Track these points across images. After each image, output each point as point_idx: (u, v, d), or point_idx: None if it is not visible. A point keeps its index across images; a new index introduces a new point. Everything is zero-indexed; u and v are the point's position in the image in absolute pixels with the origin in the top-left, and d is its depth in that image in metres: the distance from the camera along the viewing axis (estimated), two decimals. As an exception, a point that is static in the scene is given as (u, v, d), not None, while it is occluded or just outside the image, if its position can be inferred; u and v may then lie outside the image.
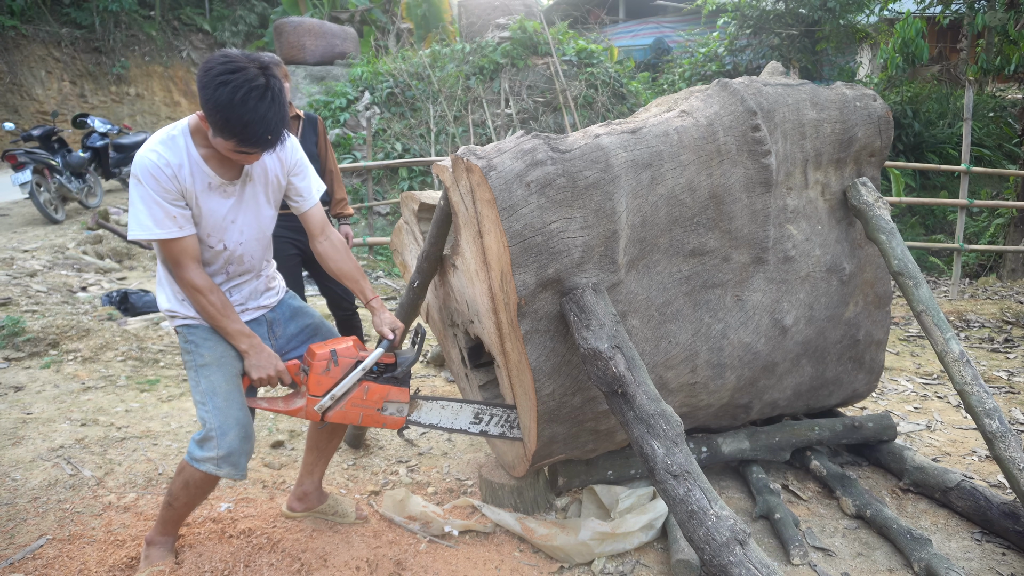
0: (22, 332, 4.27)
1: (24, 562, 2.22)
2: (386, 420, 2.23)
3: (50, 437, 3.11)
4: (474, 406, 2.39)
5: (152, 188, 1.89)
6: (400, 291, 6.77)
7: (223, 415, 2.02)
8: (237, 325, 2.07)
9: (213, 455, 1.99)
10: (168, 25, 20.27)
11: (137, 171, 1.90)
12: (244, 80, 1.79)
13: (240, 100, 1.78)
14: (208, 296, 2.01)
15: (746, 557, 1.73)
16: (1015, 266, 8.61)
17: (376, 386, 2.17)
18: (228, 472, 2.02)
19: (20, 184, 7.82)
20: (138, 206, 1.91)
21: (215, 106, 1.79)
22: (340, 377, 2.13)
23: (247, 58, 1.84)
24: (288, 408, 2.17)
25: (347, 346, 2.15)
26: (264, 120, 1.83)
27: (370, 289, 2.28)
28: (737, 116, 2.40)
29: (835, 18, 11.89)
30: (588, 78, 10.07)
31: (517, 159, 2.04)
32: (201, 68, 1.84)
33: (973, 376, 2.42)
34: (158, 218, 1.91)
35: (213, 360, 2.07)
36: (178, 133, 1.96)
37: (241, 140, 1.85)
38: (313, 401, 2.13)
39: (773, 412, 2.96)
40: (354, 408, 2.17)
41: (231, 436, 2.01)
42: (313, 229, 2.27)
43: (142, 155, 1.90)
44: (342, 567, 2.21)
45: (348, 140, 8.81)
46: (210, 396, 2.04)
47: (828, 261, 2.73)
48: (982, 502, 2.56)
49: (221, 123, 1.82)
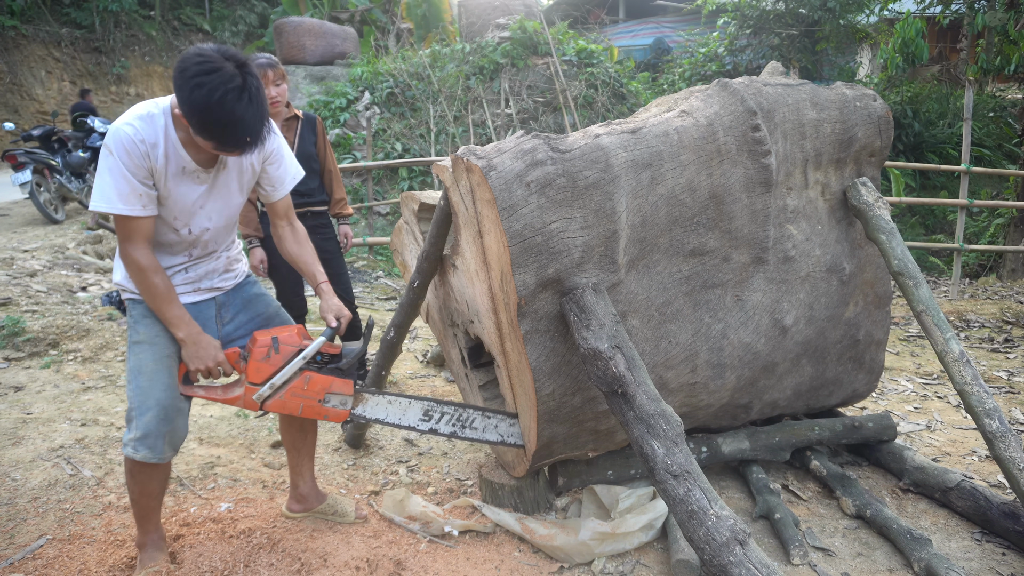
0: (22, 332, 4.27)
1: (24, 562, 2.22)
2: (328, 412, 2.15)
3: (50, 437, 3.11)
4: (423, 403, 2.32)
5: (123, 161, 1.84)
6: (400, 291, 6.78)
7: (143, 395, 1.97)
8: (177, 311, 1.99)
9: (131, 436, 1.95)
10: (168, 25, 20.28)
11: (110, 141, 1.84)
12: (220, 81, 1.73)
13: (217, 102, 1.73)
14: (151, 277, 1.94)
15: (746, 557, 1.73)
16: (1015, 266, 8.61)
17: (318, 376, 2.11)
18: (144, 455, 1.96)
19: (20, 184, 7.83)
20: (105, 177, 1.85)
21: (191, 108, 1.75)
22: (280, 365, 2.06)
23: (223, 55, 1.78)
24: (226, 397, 2.11)
25: (290, 334, 2.09)
26: (242, 122, 1.78)
27: (321, 272, 2.24)
28: (737, 116, 2.40)
29: (835, 18, 11.90)
30: (588, 78, 10.08)
31: (517, 159, 2.04)
32: (176, 67, 1.77)
33: (973, 376, 2.42)
34: (123, 193, 1.86)
35: (147, 339, 2.02)
36: (158, 112, 1.89)
37: (220, 142, 1.82)
38: (252, 390, 2.07)
39: (773, 412, 2.96)
40: (294, 398, 2.10)
41: (148, 417, 1.96)
42: (278, 213, 2.23)
43: (118, 127, 1.85)
44: (342, 567, 2.21)
45: (348, 140, 8.81)
46: (135, 375, 2.00)
47: (828, 261, 2.73)
48: (982, 502, 2.56)
49: (198, 125, 1.78)
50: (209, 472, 2.88)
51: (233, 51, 1.82)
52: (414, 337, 5.10)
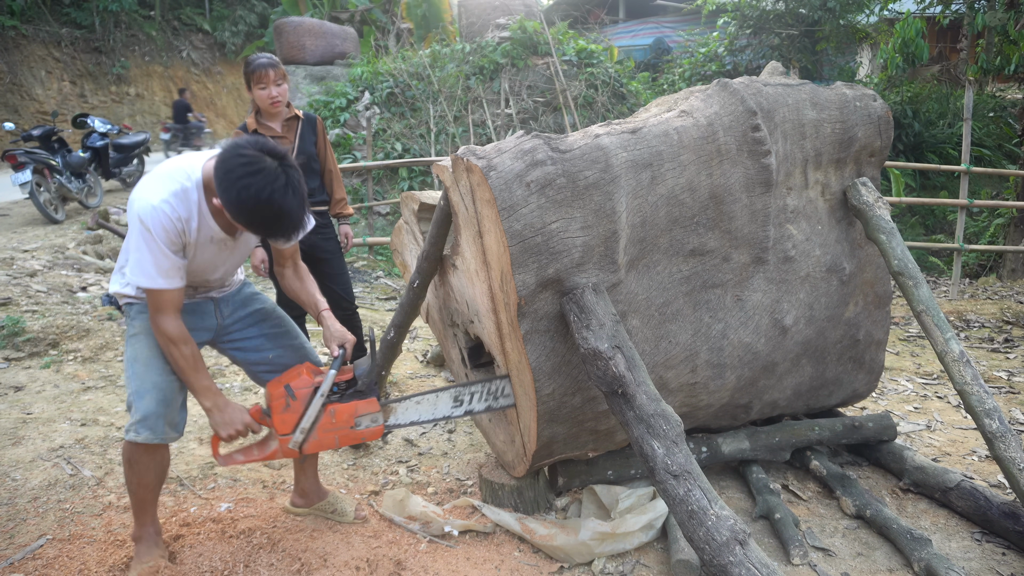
0: (22, 332, 4.27)
1: (24, 562, 2.22)
2: (363, 434, 2.18)
3: (50, 437, 3.11)
4: (451, 390, 2.34)
5: (162, 240, 1.89)
6: (400, 291, 6.78)
7: (140, 380, 2.01)
8: (204, 381, 2.06)
9: (132, 421, 1.98)
10: (168, 25, 20.28)
11: (148, 220, 1.87)
12: (267, 181, 1.79)
13: (266, 201, 1.79)
14: (181, 348, 2.01)
15: (746, 557, 1.73)
16: (1015, 266, 8.61)
17: (342, 406, 2.14)
18: (146, 436, 1.98)
19: (20, 184, 7.82)
20: (144, 254, 1.90)
21: (240, 208, 1.81)
22: (302, 410, 2.10)
23: (263, 150, 1.84)
24: (264, 454, 2.16)
25: (300, 377, 2.13)
26: (290, 215, 1.85)
27: (322, 301, 2.31)
28: (737, 116, 2.40)
29: (835, 18, 11.90)
30: (588, 78, 10.07)
31: (517, 159, 2.04)
32: (218, 167, 1.82)
33: (973, 376, 2.42)
34: (164, 268, 1.92)
35: (142, 330, 2.07)
36: (191, 186, 1.94)
37: (266, 234, 1.90)
38: (285, 440, 2.12)
39: (773, 412, 2.96)
40: (327, 434, 2.14)
41: (147, 399, 1.99)
42: (284, 256, 2.30)
43: (154, 205, 1.87)
44: (342, 567, 2.21)
45: (348, 140, 8.81)
46: (131, 363, 2.04)
47: (828, 261, 2.73)
48: (982, 502, 2.56)
49: (246, 222, 1.85)
50: (209, 472, 2.88)
51: (270, 144, 1.87)
52: (414, 337, 5.10)
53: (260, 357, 2.29)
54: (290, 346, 2.32)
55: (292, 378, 2.12)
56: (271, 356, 2.29)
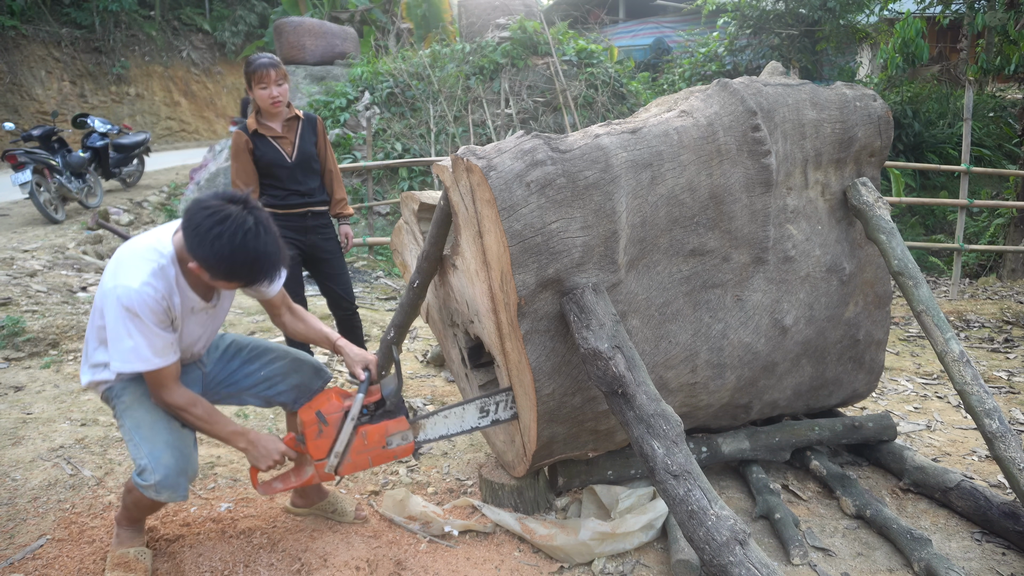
0: (22, 332, 4.27)
1: (24, 562, 2.22)
2: (395, 452, 2.24)
3: (50, 437, 3.11)
4: (476, 402, 2.39)
5: (152, 321, 1.89)
6: (400, 291, 6.78)
7: (151, 443, 1.99)
8: (230, 427, 2.09)
9: (152, 482, 1.95)
10: (168, 25, 20.28)
11: (134, 305, 1.86)
12: (237, 225, 1.80)
13: (240, 245, 1.80)
14: (193, 410, 2.03)
15: (746, 557, 1.73)
16: (1015, 266, 8.61)
17: (372, 427, 2.18)
18: (168, 496, 1.99)
19: (20, 184, 7.82)
20: (137, 339, 1.89)
21: (216, 260, 1.81)
22: (335, 434, 2.15)
23: (225, 200, 1.85)
24: (301, 480, 2.23)
25: (330, 402, 2.17)
26: (267, 255, 1.86)
27: (332, 333, 2.33)
28: (737, 116, 2.40)
29: (835, 18, 11.90)
30: (588, 78, 10.07)
31: (517, 159, 2.04)
32: (186, 225, 1.84)
33: (973, 376, 2.42)
34: (158, 348, 1.92)
35: (133, 400, 2.06)
36: (166, 262, 1.94)
37: (248, 281, 1.90)
38: (321, 465, 2.18)
39: (773, 412, 2.96)
40: (361, 455, 2.20)
41: (165, 459, 1.97)
42: (276, 305, 2.31)
43: (136, 288, 1.86)
44: (342, 567, 2.21)
45: (348, 140, 8.81)
46: (135, 431, 2.01)
47: (828, 261, 2.73)
48: (982, 502, 2.56)
49: (226, 273, 1.85)
50: (209, 472, 2.88)
51: (231, 192, 1.89)
52: (414, 337, 5.10)
53: (254, 379, 2.32)
54: (275, 359, 2.34)
55: (322, 404, 2.17)
56: (263, 374, 2.32)
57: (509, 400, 2.40)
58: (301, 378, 2.34)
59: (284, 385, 2.32)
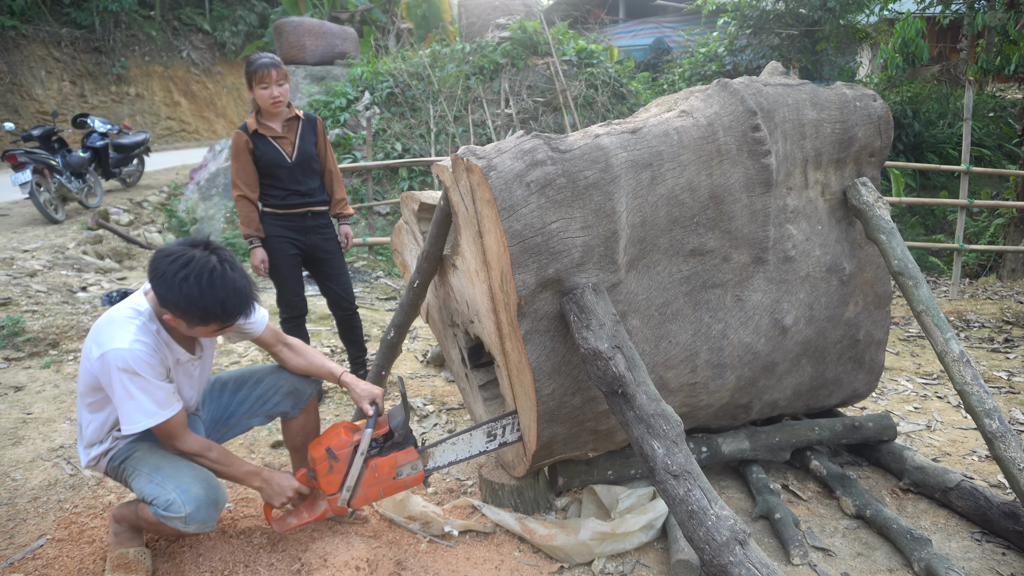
0: (22, 332, 4.27)
1: (24, 562, 2.22)
2: (406, 482, 2.27)
3: (50, 437, 3.11)
4: (483, 427, 2.41)
5: (150, 375, 1.92)
6: (400, 291, 6.77)
7: (176, 478, 2.01)
8: (244, 467, 2.15)
9: (182, 514, 1.97)
10: (168, 25, 20.28)
11: (130, 364, 1.88)
12: (200, 267, 1.85)
13: (208, 284, 1.84)
14: (208, 455, 2.09)
15: (746, 557, 1.73)
16: (1015, 266, 8.61)
17: (381, 459, 2.22)
18: (197, 528, 2.01)
19: (20, 184, 7.82)
20: (139, 397, 1.92)
21: (187, 303, 1.84)
22: (345, 469, 2.19)
23: (188, 244, 1.90)
24: (316, 515, 2.28)
25: (340, 437, 2.20)
26: (237, 291, 1.90)
27: (336, 367, 2.37)
28: (737, 116, 2.40)
29: (835, 18, 11.89)
30: (588, 78, 10.07)
31: (517, 159, 2.04)
32: (152, 275, 1.87)
33: (973, 376, 2.42)
34: (161, 400, 1.95)
35: (145, 451, 2.09)
36: (146, 318, 1.98)
37: (223, 319, 1.92)
38: (334, 500, 2.22)
39: (773, 412, 2.96)
40: (372, 488, 2.24)
41: (194, 489, 1.99)
42: (269, 343, 2.34)
43: (128, 348, 1.89)
44: (342, 567, 2.21)
45: (348, 140, 8.81)
46: (155, 473, 2.03)
47: (828, 261, 2.73)
48: (982, 502, 2.56)
49: (200, 314, 1.87)
50: (209, 472, 2.88)
51: (191, 238, 1.95)
52: (414, 337, 5.10)
53: (249, 403, 2.37)
54: (260, 378, 2.38)
55: (331, 440, 2.20)
56: (255, 394, 2.37)
57: (515, 423, 2.43)
58: (292, 384, 2.38)
59: (278, 396, 2.37)
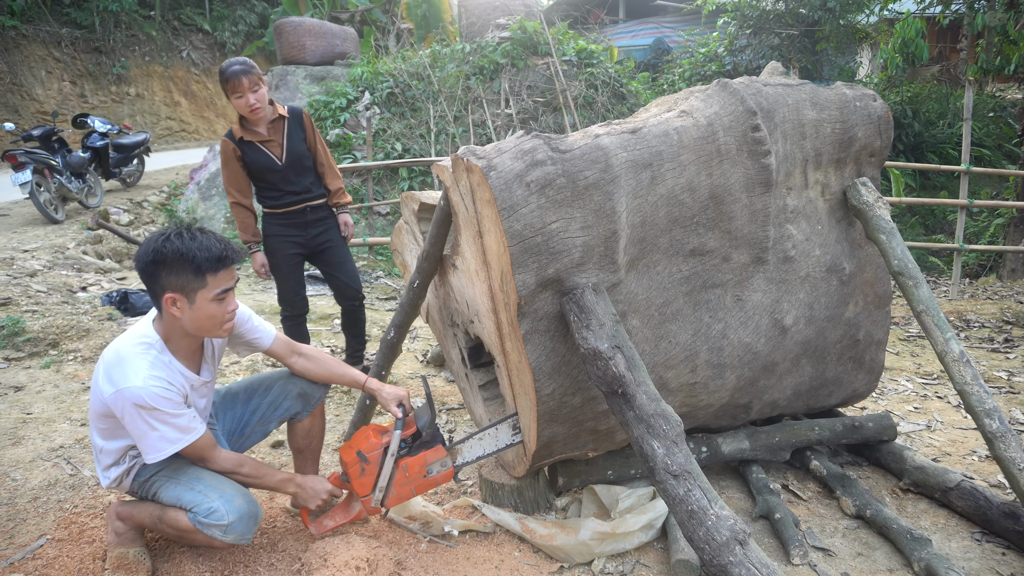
0: (22, 332, 4.27)
1: (24, 562, 2.22)
2: (436, 479, 2.32)
3: (50, 437, 3.11)
4: (508, 420, 2.43)
5: (168, 407, 1.95)
6: (400, 291, 6.78)
7: (219, 489, 2.04)
8: (278, 476, 2.21)
9: (225, 522, 2.00)
10: (168, 25, 20.27)
11: (147, 400, 1.90)
12: (176, 228, 1.95)
13: (189, 236, 1.92)
14: (241, 471, 2.13)
15: (746, 557, 1.73)
16: (1015, 266, 8.61)
17: (411, 459, 2.26)
18: (235, 539, 2.03)
19: (20, 184, 7.82)
20: (161, 428, 1.94)
21: (176, 256, 1.89)
22: (377, 471, 2.24)
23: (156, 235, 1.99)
24: (350, 517, 2.34)
25: (369, 440, 2.25)
26: (213, 235, 1.97)
27: (359, 374, 2.41)
28: (737, 116, 2.40)
29: (835, 18, 11.89)
30: (588, 78, 10.07)
31: (517, 159, 2.04)
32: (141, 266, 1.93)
33: (973, 376, 2.42)
34: (183, 425, 1.98)
35: (179, 465, 2.11)
36: (158, 349, 2.00)
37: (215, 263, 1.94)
38: (367, 501, 2.28)
39: (773, 412, 2.96)
40: (404, 487, 2.28)
41: (237, 501, 2.03)
42: (282, 354, 2.37)
43: (143, 386, 1.90)
44: (342, 567, 2.21)
45: (348, 140, 8.81)
46: (196, 482, 2.06)
47: (828, 261, 2.73)
48: (982, 502, 2.56)
49: (193, 267, 1.91)
50: (209, 472, 2.88)
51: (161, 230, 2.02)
52: (414, 337, 5.10)
53: (263, 409, 2.40)
54: (269, 385, 2.41)
55: (361, 443, 2.25)
56: (267, 401, 2.39)
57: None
58: (301, 388, 2.41)
59: (289, 400, 2.40)
